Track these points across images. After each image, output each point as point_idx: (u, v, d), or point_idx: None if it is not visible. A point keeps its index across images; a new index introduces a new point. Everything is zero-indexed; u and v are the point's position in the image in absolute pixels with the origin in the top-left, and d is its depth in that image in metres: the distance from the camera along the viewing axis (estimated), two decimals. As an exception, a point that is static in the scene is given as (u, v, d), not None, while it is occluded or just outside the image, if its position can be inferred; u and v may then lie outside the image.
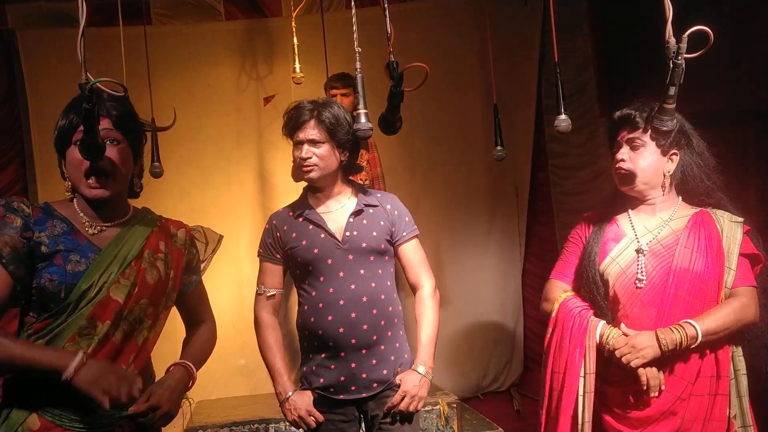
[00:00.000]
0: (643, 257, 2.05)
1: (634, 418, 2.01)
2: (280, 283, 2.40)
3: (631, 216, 2.15)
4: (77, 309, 1.69)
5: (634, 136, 2.08)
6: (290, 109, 2.34)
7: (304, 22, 4.20)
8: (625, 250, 2.10)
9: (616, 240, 2.13)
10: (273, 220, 2.40)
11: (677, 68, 1.73)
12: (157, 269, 1.84)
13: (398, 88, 1.86)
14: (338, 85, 3.99)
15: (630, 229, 2.13)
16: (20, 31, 4.45)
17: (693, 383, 1.98)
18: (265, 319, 2.37)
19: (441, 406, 3.49)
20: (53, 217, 1.74)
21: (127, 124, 1.80)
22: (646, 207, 2.13)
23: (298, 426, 2.32)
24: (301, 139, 2.29)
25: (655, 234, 2.08)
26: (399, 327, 2.36)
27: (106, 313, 1.71)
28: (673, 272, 2.01)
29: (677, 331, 1.93)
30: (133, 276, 1.77)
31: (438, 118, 4.82)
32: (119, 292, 1.74)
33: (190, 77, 4.69)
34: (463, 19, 4.90)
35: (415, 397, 2.27)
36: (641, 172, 2.08)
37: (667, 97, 1.81)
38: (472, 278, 5.00)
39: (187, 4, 4.72)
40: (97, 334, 1.70)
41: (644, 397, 1.98)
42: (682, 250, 2.02)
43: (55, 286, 1.67)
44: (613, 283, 2.08)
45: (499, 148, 3.26)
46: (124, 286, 1.75)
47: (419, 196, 4.70)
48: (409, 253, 2.40)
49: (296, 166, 2.36)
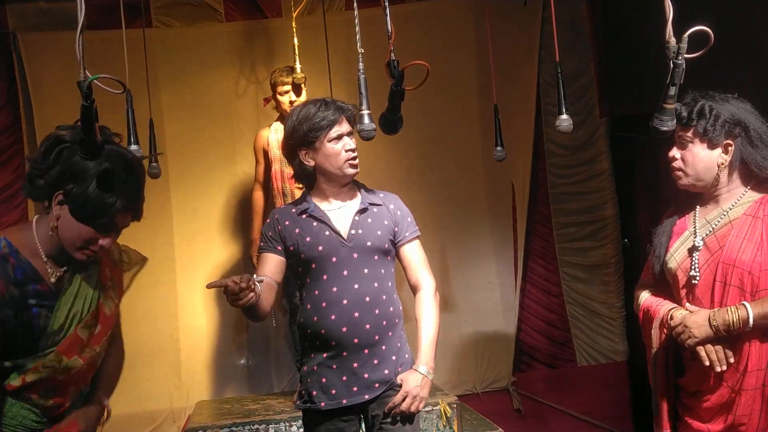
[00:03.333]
0: (696, 252, 2.07)
1: (699, 409, 2.06)
2: (275, 273, 2.32)
3: (697, 210, 2.17)
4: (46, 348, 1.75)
5: (681, 134, 2.09)
6: (312, 110, 2.29)
7: (304, 23, 4.21)
8: (682, 245, 2.13)
9: (678, 234, 2.16)
10: (275, 214, 2.39)
11: (678, 68, 1.73)
12: (111, 298, 1.92)
13: (399, 86, 1.86)
14: (289, 81, 3.91)
15: (692, 223, 2.14)
16: (21, 33, 4.45)
17: (743, 375, 1.98)
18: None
19: (442, 406, 3.49)
20: (22, 264, 1.75)
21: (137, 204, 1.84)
22: (711, 200, 2.14)
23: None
24: (342, 133, 2.29)
25: (712, 226, 2.09)
26: (400, 327, 2.36)
27: (72, 350, 1.78)
28: (719, 264, 2.02)
29: (730, 313, 1.95)
30: (96, 315, 1.84)
31: (436, 119, 4.82)
32: (84, 331, 1.81)
33: (190, 78, 4.68)
34: (462, 20, 4.90)
35: (417, 398, 2.27)
36: (691, 170, 2.09)
37: (667, 98, 1.81)
38: (469, 277, 5.01)
39: (187, 6, 4.72)
40: (65, 365, 1.77)
41: (707, 386, 2.02)
42: (733, 240, 2.02)
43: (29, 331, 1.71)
44: (673, 278, 2.13)
45: (499, 148, 3.26)
46: (88, 327, 1.82)
47: (416, 196, 4.70)
48: (410, 253, 2.40)
49: (338, 161, 2.29)
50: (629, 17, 4.40)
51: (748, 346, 1.97)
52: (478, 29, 4.74)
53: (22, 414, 1.75)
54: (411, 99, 1.95)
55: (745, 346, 1.98)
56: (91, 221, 1.73)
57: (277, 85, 3.93)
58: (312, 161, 2.32)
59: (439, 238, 4.85)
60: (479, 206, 5.03)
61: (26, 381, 1.73)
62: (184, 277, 4.68)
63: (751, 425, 1.98)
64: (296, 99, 3.90)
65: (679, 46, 1.70)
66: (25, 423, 1.76)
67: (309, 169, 2.34)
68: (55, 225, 1.74)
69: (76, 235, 1.74)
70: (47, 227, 1.76)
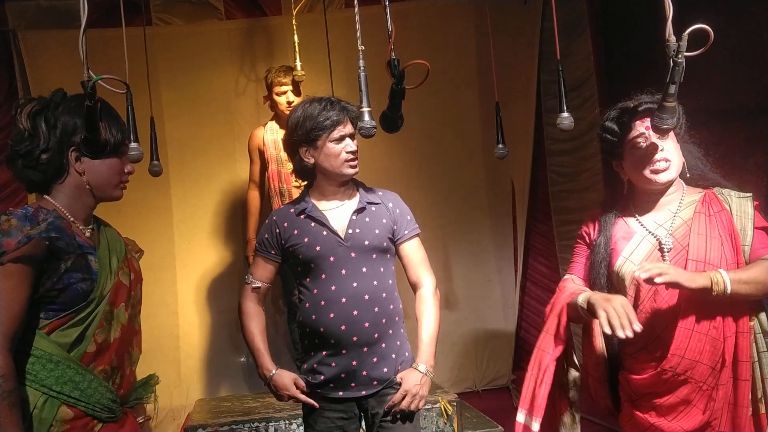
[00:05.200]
0: (666, 253, 2.00)
1: (659, 405, 1.98)
2: (269, 278, 2.41)
3: (636, 213, 2.10)
4: (102, 299, 1.79)
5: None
6: (316, 108, 2.30)
7: (304, 21, 4.21)
8: (637, 246, 2.04)
9: (626, 238, 2.07)
10: (273, 216, 2.40)
11: (677, 66, 1.73)
12: (135, 260, 2.02)
13: (400, 85, 1.86)
14: (287, 81, 3.89)
15: (638, 225, 2.07)
16: (21, 31, 4.45)
17: (719, 371, 1.93)
18: (248, 308, 2.40)
19: (442, 404, 3.49)
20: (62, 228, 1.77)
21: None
22: (650, 202, 2.08)
23: (281, 399, 2.36)
24: (345, 134, 2.30)
25: (666, 227, 2.03)
26: (400, 325, 2.36)
27: (119, 297, 1.83)
28: (688, 262, 1.95)
29: (703, 273, 1.87)
30: (127, 264, 1.91)
31: (436, 117, 4.83)
32: (125, 277, 1.88)
33: (190, 76, 4.69)
34: (462, 18, 4.91)
35: (417, 396, 2.28)
36: (679, 161, 2.01)
37: (667, 96, 1.80)
38: (469, 275, 5.01)
39: (187, 3, 4.72)
40: (116, 317, 1.82)
41: (667, 384, 1.95)
42: (695, 238, 1.97)
43: (87, 285, 1.76)
44: (629, 282, 2.02)
45: (500, 146, 3.26)
46: (126, 273, 1.89)
47: (417, 194, 4.70)
48: (410, 251, 2.40)
49: (337, 162, 2.29)
50: (630, 14, 4.40)
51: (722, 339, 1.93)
52: (478, 28, 4.75)
53: (100, 391, 1.76)
54: (411, 97, 1.95)
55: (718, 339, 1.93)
56: (113, 153, 1.83)
57: (273, 86, 3.91)
58: (312, 159, 2.32)
59: (439, 236, 4.86)
60: (479, 204, 5.04)
61: (97, 341, 1.77)
62: (184, 274, 4.69)
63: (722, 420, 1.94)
64: (294, 99, 3.88)
65: (679, 44, 1.70)
66: (103, 402, 1.77)
67: (309, 166, 2.34)
68: (86, 179, 1.81)
69: (110, 172, 1.85)
70: (70, 191, 1.82)
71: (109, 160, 1.83)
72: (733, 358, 1.94)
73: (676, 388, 1.95)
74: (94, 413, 1.76)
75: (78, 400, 1.72)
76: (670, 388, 1.96)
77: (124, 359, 1.87)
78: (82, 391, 1.73)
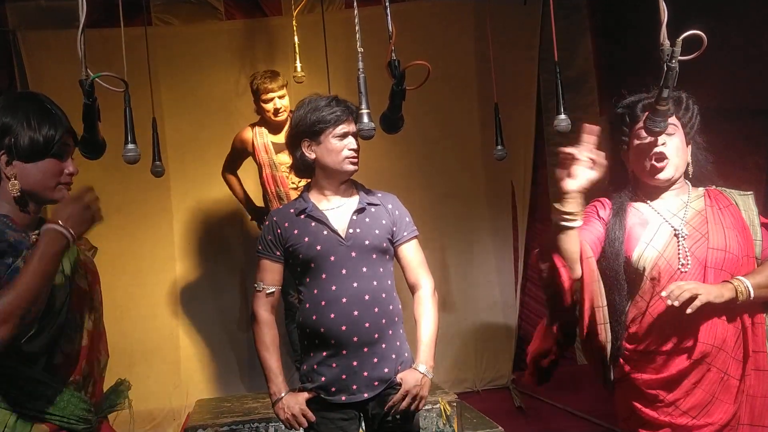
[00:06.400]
0: (683, 240, 2.00)
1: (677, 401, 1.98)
2: (279, 280, 2.38)
3: (649, 202, 2.10)
4: (62, 307, 1.70)
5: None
6: (321, 103, 2.31)
7: (304, 22, 4.21)
8: (657, 232, 2.04)
9: (643, 224, 2.07)
10: (273, 216, 2.40)
11: (671, 71, 1.74)
12: (90, 260, 1.90)
13: (400, 86, 1.87)
14: (274, 87, 3.81)
15: (652, 212, 2.08)
16: (22, 31, 4.45)
17: (742, 362, 1.95)
18: (263, 317, 2.36)
19: (442, 404, 3.49)
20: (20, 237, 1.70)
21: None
22: (664, 193, 2.08)
23: (290, 426, 2.33)
24: (348, 132, 2.30)
25: (680, 216, 2.04)
26: (399, 325, 2.36)
27: (81, 302, 1.75)
28: (708, 251, 1.97)
29: (734, 283, 1.90)
30: (81, 265, 1.80)
31: (436, 118, 4.83)
32: (82, 280, 1.78)
33: (190, 77, 4.69)
34: (462, 19, 4.91)
35: (417, 397, 2.28)
36: (678, 160, 2.02)
37: (660, 99, 1.81)
38: (469, 275, 5.01)
39: (187, 4, 4.72)
40: (81, 324, 1.74)
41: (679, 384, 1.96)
42: (713, 227, 2.00)
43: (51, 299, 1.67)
44: (651, 268, 2.01)
45: (499, 147, 3.26)
46: (82, 275, 1.78)
47: (416, 195, 4.70)
48: (409, 253, 2.40)
49: (338, 158, 2.29)
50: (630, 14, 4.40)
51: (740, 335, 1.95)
52: (478, 28, 4.75)
53: (73, 402, 1.70)
54: (411, 98, 1.95)
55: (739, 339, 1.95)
56: (47, 153, 1.68)
57: (260, 92, 3.83)
58: (313, 154, 2.33)
59: (439, 237, 4.86)
60: (479, 205, 5.04)
61: (64, 352, 1.69)
62: (184, 275, 4.69)
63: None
64: (281, 105, 3.82)
65: (673, 49, 1.71)
66: (77, 413, 1.71)
67: (309, 161, 2.34)
68: (17, 185, 1.67)
69: (44, 176, 1.70)
70: (7, 196, 1.68)
71: (42, 162, 1.68)
72: (749, 349, 1.96)
73: (700, 378, 1.96)
74: (69, 426, 1.69)
75: (52, 415, 1.66)
76: (693, 379, 1.96)
77: (93, 366, 1.81)
78: (55, 405, 1.66)
